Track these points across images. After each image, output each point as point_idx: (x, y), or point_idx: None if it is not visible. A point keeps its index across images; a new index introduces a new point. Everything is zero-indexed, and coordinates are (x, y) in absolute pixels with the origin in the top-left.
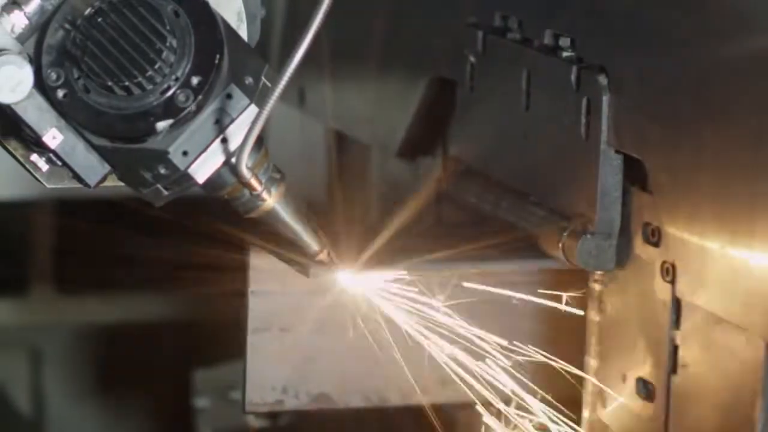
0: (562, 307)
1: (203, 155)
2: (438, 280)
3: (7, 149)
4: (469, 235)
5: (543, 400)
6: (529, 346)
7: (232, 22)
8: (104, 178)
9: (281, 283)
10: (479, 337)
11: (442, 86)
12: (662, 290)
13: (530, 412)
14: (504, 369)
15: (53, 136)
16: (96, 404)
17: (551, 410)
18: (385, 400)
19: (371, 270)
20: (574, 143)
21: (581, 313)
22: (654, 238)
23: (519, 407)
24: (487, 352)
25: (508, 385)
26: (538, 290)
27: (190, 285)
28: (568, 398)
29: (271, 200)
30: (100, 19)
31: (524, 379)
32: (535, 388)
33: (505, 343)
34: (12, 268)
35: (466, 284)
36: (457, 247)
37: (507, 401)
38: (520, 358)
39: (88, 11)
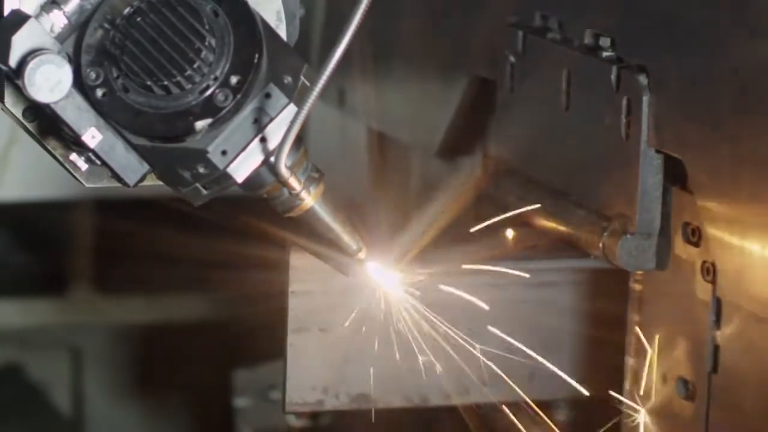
0: None
1: (242, 154)
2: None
3: (47, 149)
4: (509, 235)
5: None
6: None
7: (271, 22)
8: (143, 178)
9: (321, 282)
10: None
11: (481, 86)
12: (703, 290)
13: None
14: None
15: (92, 136)
16: (136, 404)
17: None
18: (426, 401)
19: (411, 270)
20: (614, 143)
21: None
22: (694, 237)
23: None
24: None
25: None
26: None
27: (230, 285)
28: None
29: (310, 199)
30: (139, 19)
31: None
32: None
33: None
34: (52, 268)
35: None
36: (497, 247)
37: (546, 402)
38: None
39: (127, 11)
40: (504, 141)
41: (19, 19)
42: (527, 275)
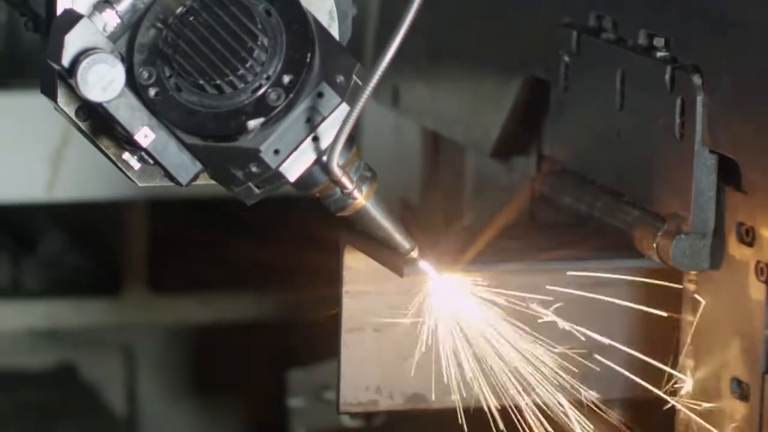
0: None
1: (294, 153)
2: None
3: (100, 148)
4: (564, 235)
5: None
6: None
7: (324, 21)
8: (196, 177)
9: (375, 282)
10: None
11: (536, 86)
12: (756, 290)
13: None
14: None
15: (145, 135)
16: (190, 404)
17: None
18: (480, 401)
19: (464, 270)
20: (668, 143)
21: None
22: (748, 237)
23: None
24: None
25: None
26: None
27: (284, 285)
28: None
29: (362, 198)
30: (191, 18)
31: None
32: None
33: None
34: (106, 268)
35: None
36: (552, 248)
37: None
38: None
39: (179, 10)
40: (558, 141)
41: (72, 18)
42: (582, 275)
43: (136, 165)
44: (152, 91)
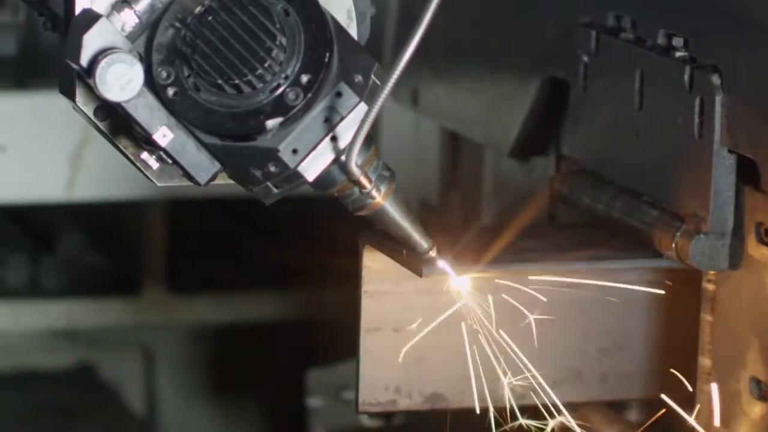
0: None
1: (313, 153)
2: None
3: (118, 147)
4: (583, 235)
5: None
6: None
7: (342, 21)
8: (214, 176)
9: (394, 282)
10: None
11: (555, 86)
12: None
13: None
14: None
15: (163, 134)
16: (208, 404)
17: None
18: (500, 401)
19: (483, 271)
20: (687, 143)
21: None
22: (767, 238)
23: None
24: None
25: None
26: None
27: (303, 285)
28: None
29: (381, 198)
30: (210, 18)
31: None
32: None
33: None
34: (125, 268)
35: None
36: (571, 248)
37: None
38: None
39: (198, 9)
40: (577, 141)
41: (90, 18)
42: (600, 275)
43: (154, 165)
44: (171, 91)
